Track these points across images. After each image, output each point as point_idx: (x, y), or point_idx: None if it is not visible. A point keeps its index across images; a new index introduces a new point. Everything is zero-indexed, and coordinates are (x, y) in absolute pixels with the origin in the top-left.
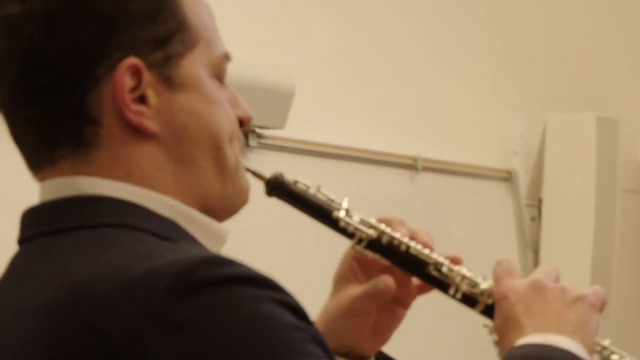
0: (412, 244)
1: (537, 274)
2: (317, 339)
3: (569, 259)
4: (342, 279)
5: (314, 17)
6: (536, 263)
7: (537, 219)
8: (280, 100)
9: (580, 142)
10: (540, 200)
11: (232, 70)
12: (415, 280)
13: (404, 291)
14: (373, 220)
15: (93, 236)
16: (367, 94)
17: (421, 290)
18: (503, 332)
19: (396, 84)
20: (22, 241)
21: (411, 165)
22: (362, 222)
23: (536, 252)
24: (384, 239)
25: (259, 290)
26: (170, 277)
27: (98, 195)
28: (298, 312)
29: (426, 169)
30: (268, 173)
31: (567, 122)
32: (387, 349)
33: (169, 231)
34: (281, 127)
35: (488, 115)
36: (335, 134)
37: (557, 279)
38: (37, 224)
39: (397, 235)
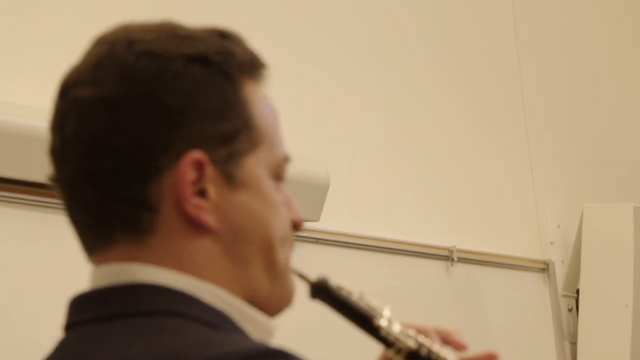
0: (451, 356)
1: None
2: None
3: (607, 350)
4: None
5: (349, 109)
6: (574, 355)
7: (574, 310)
8: (315, 193)
9: (617, 233)
10: (577, 292)
11: None
12: None
13: None
14: (412, 332)
15: (146, 323)
16: (402, 186)
17: None
18: None
19: (431, 176)
20: (70, 326)
21: (447, 257)
22: (402, 332)
23: (574, 344)
24: (423, 352)
25: None
26: None
27: (151, 283)
28: None
29: (462, 260)
30: (313, 275)
31: (604, 212)
32: None
33: (220, 322)
34: (316, 220)
35: (524, 206)
36: (370, 226)
37: None
38: (88, 309)
39: (435, 348)
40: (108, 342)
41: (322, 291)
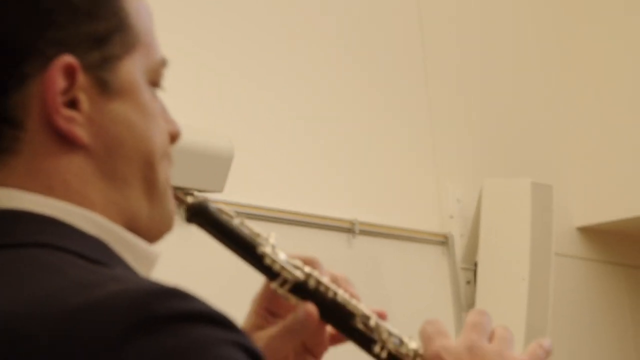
0: (340, 291)
1: (471, 333)
2: None
3: (504, 322)
4: (252, 328)
5: (253, 81)
6: None
7: (472, 282)
8: (219, 164)
9: (515, 208)
10: (475, 265)
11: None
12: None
13: (316, 340)
14: (299, 262)
15: (15, 258)
16: (305, 158)
17: (333, 342)
18: None
19: (334, 149)
20: None
21: (348, 229)
22: (288, 262)
23: None
24: (311, 283)
25: (220, 332)
26: (117, 312)
27: (17, 210)
28: (257, 358)
29: (363, 233)
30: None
31: (502, 187)
32: None
33: (99, 253)
34: (220, 191)
35: (425, 180)
36: (273, 198)
37: (490, 332)
38: None
39: (324, 280)
40: None
41: (199, 214)
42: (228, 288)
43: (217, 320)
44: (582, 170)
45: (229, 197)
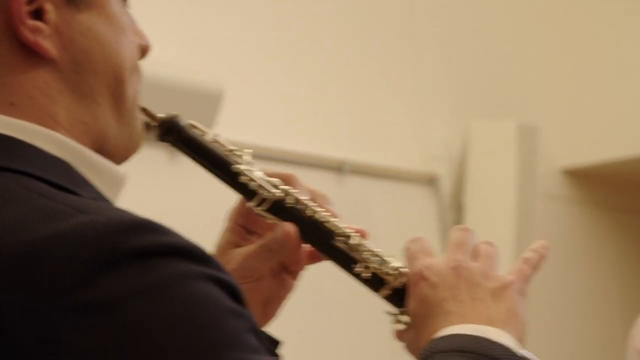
0: (320, 210)
1: (456, 253)
2: (254, 327)
3: None
4: (228, 246)
5: (242, 19)
6: None
7: (459, 222)
8: (209, 103)
9: (501, 149)
10: (462, 205)
11: (161, 73)
12: (304, 249)
13: (294, 259)
14: (276, 180)
15: None
16: (294, 98)
17: (311, 260)
18: (421, 318)
19: (322, 89)
20: None
21: (337, 168)
22: (265, 179)
23: None
24: (289, 201)
25: (193, 266)
26: (85, 245)
27: None
28: (235, 292)
29: (352, 172)
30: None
31: (488, 128)
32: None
33: (64, 177)
34: (210, 127)
35: (412, 121)
36: (262, 136)
37: (475, 251)
38: None
39: (303, 198)
40: None
41: (171, 131)
42: (210, 222)
43: (190, 254)
44: (568, 110)
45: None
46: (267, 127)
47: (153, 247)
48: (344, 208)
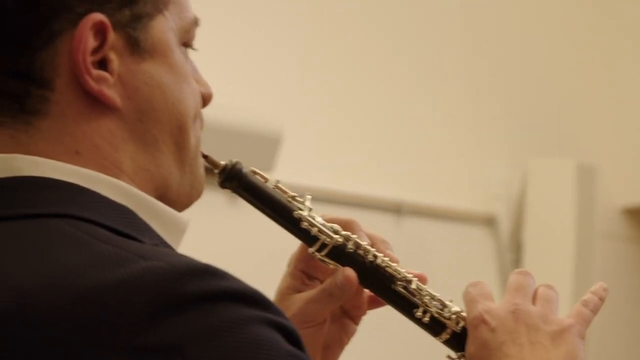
0: (380, 254)
1: (515, 297)
2: None
3: None
4: (289, 291)
5: (300, 62)
6: None
7: (518, 262)
8: (268, 145)
9: (560, 188)
10: (521, 245)
11: (220, 116)
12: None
13: (355, 304)
14: (336, 225)
15: (34, 229)
16: (351, 140)
17: (372, 305)
18: None
19: (382, 131)
20: None
21: (396, 210)
22: (326, 225)
23: None
24: (350, 247)
25: (253, 310)
26: (147, 290)
27: (38, 178)
28: (294, 337)
29: (410, 213)
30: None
31: (547, 168)
32: None
33: (127, 224)
34: (268, 170)
35: (470, 161)
36: (322, 178)
37: (534, 295)
38: None
39: (363, 243)
40: None
41: (233, 178)
42: (270, 266)
43: (249, 299)
44: (627, 148)
45: (274, 177)
46: (325, 170)
47: (213, 292)
48: (402, 249)
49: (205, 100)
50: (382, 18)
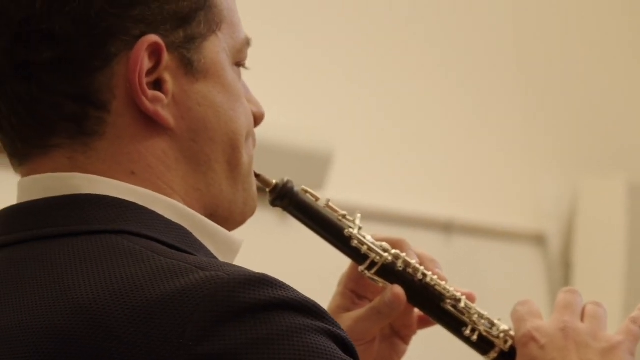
0: (429, 273)
1: (564, 315)
2: None
3: None
4: (338, 310)
5: (348, 79)
6: None
7: (567, 281)
8: (318, 164)
9: (610, 206)
10: (571, 263)
11: (270, 134)
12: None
13: (405, 323)
14: (386, 244)
15: (93, 245)
16: (401, 157)
17: (422, 324)
18: None
19: (431, 147)
20: (1, 247)
21: (445, 227)
22: (375, 244)
23: None
24: (399, 265)
25: (309, 320)
26: (206, 299)
27: (96, 196)
28: (348, 346)
29: (460, 231)
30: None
31: (598, 186)
32: None
33: (182, 240)
34: (319, 188)
35: (521, 178)
36: (371, 196)
37: (582, 313)
38: (21, 227)
39: (412, 262)
40: (47, 269)
41: (284, 196)
42: (320, 285)
43: (305, 308)
44: None
45: (325, 195)
46: (375, 187)
47: (270, 301)
48: (451, 267)
49: (258, 119)
50: (434, 34)
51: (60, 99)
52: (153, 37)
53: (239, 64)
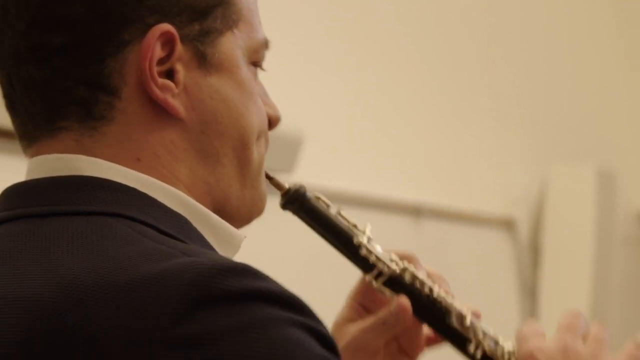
0: (436, 288)
1: (566, 336)
2: None
3: (567, 306)
4: (344, 322)
5: (320, 63)
6: (534, 310)
7: (536, 266)
8: (289, 147)
9: (579, 193)
10: (540, 248)
11: None
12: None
13: (412, 340)
14: (395, 255)
15: (87, 225)
16: (372, 141)
17: (429, 343)
18: None
19: (401, 133)
20: (1, 222)
21: (415, 211)
22: (384, 254)
23: (535, 299)
24: (407, 277)
25: (287, 312)
26: (186, 283)
27: (98, 178)
28: (328, 342)
29: (429, 215)
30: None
31: (567, 173)
32: None
33: (178, 228)
34: (289, 171)
35: (491, 165)
36: (341, 180)
37: (584, 332)
38: (21, 203)
39: (420, 275)
40: (40, 244)
41: (296, 201)
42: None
43: (284, 301)
44: None
45: (293, 178)
46: (345, 171)
47: (249, 291)
48: (421, 251)
49: (273, 122)
50: (404, 22)
51: (72, 83)
52: (166, 26)
53: (255, 64)
